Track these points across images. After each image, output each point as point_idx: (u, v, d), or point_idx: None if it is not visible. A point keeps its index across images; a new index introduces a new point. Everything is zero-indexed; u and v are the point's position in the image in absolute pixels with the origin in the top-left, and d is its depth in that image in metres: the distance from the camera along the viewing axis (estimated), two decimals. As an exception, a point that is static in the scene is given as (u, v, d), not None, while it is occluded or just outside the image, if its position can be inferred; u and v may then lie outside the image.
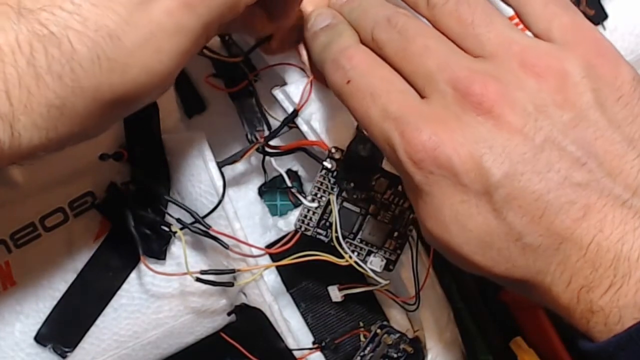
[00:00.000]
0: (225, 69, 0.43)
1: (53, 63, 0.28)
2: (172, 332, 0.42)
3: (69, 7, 0.28)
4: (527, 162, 0.29)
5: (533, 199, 0.29)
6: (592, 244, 0.28)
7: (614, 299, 0.27)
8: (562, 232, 0.28)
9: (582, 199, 0.28)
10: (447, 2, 0.33)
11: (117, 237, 0.41)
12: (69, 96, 0.28)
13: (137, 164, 0.40)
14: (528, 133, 0.29)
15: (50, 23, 0.28)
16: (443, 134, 0.30)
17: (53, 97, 0.28)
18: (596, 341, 0.28)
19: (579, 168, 0.29)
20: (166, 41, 0.30)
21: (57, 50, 0.28)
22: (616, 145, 0.29)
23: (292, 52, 0.40)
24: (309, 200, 0.40)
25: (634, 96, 0.30)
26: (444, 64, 0.31)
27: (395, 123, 0.31)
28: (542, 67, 0.30)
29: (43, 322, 0.41)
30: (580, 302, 0.28)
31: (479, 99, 0.30)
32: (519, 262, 0.29)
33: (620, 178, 0.29)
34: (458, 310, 0.43)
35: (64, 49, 0.28)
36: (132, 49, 0.29)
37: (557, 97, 0.30)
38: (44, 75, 0.28)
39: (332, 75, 0.34)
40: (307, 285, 0.46)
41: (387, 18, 0.34)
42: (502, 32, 0.31)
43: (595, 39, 0.31)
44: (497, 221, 0.29)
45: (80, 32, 0.28)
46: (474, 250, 0.30)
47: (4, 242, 0.40)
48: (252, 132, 0.42)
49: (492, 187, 0.29)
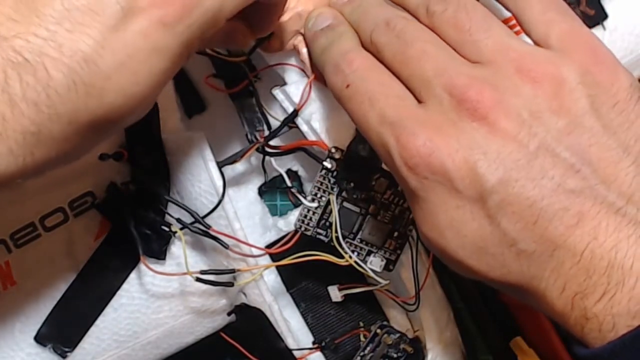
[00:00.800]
0: (225, 69, 0.43)
1: (28, 90, 0.27)
2: (172, 332, 0.42)
3: (43, 34, 0.28)
4: (521, 169, 0.29)
5: (527, 205, 0.29)
6: (586, 251, 0.28)
7: (607, 306, 0.27)
8: (556, 239, 0.28)
9: (576, 206, 0.28)
10: (445, 10, 0.33)
11: (117, 237, 0.41)
12: (45, 122, 0.28)
13: (137, 164, 0.40)
14: (522, 140, 0.29)
15: (25, 50, 0.27)
16: (438, 139, 0.30)
17: (28, 123, 0.28)
18: (591, 347, 0.28)
19: (573, 175, 0.29)
20: (143, 63, 0.29)
21: (32, 78, 0.27)
22: (611, 152, 0.29)
23: (292, 51, 0.40)
24: (309, 200, 0.40)
25: (630, 103, 0.30)
26: (441, 70, 0.31)
27: (391, 128, 0.31)
28: (538, 73, 0.30)
29: (43, 322, 0.41)
30: (574, 308, 0.28)
31: (475, 105, 0.30)
32: (514, 268, 0.29)
33: (615, 185, 0.29)
34: (458, 310, 0.43)
35: (39, 76, 0.28)
36: (109, 73, 0.29)
37: (552, 104, 0.30)
38: (18, 102, 0.27)
39: (332, 78, 0.34)
40: (307, 285, 0.46)
41: (386, 21, 0.34)
42: (500, 38, 0.31)
43: (593, 45, 0.31)
44: (492, 227, 0.29)
45: (56, 59, 0.28)
46: (469, 255, 0.30)
47: (4, 242, 0.40)
48: (252, 132, 0.42)
49: (486, 193, 0.29)
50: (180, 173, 0.40)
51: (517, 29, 0.34)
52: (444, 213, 0.30)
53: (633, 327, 0.27)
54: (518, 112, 0.30)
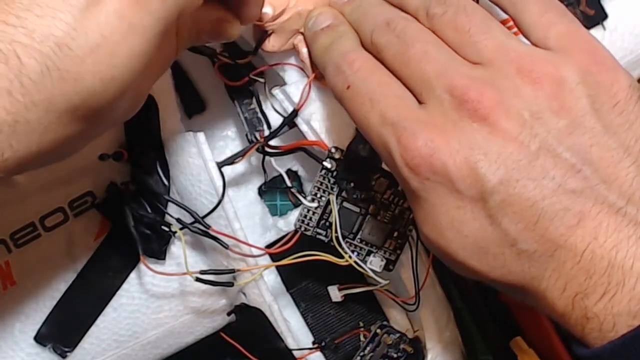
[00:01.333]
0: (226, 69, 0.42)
1: (0, 79, 0.27)
2: (172, 332, 0.42)
3: (13, 21, 0.27)
4: (522, 169, 0.29)
5: (528, 206, 0.29)
6: (587, 251, 0.28)
7: (608, 306, 0.27)
8: (557, 239, 0.28)
9: (577, 206, 0.28)
10: (445, 13, 0.33)
11: (117, 237, 0.41)
12: (21, 111, 0.27)
13: (137, 164, 0.40)
14: (523, 140, 0.29)
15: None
16: (439, 140, 0.30)
17: (4, 113, 0.27)
18: (591, 347, 0.28)
19: (574, 175, 0.29)
20: (119, 44, 0.28)
21: (4, 66, 0.27)
22: (612, 152, 0.29)
23: (291, 51, 0.40)
24: (309, 200, 0.40)
25: (629, 103, 0.30)
26: (442, 70, 0.31)
27: (392, 128, 0.31)
28: (538, 74, 0.30)
29: (43, 322, 0.41)
30: (575, 308, 0.28)
31: (475, 105, 0.30)
32: (514, 268, 0.29)
33: (616, 185, 0.29)
34: (458, 310, 0.43)
35: (11, 64, 0.27)
36: (83, 56, 0.28)
37: (553, 104, 0.30)
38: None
39: (333, 79, 0.34)
40: (307, 285, 0.46)
41: (387, 21, 0.34)
42: (500, 39, 0.31)
43: (592, 46, 0.31)
44: (492, 227, 0.29)
45: (27, 45, 0.27)
46: (469, 255, 0.30)
47: (4, 242, 0.40)
48: (252, 132, 0.42)
49: (487, 193, 0.29)
50: (180, 173, 0.40)
51: (514, 31, 0.33)
52: (444, 213, 0.30)
53: (633, 326, 0.27)
54: (519, 113, 0.30)
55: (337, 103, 0.34)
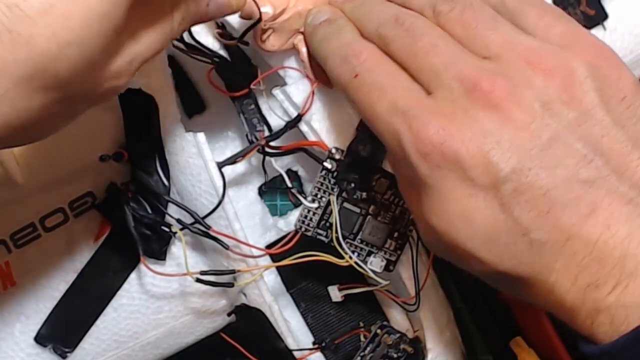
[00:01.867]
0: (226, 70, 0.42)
1: None
2: (172, 333, 0.42)
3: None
4: (534, 158, 0.29)
5: (540, 194, 0.28)
6: (599, 241, 0.28)
7: (620, 297, 0.27)
8: (569, 229, 0.28)
9: (590, 196, 0.28)
10: (452, 10, 0.33)
11: (117, 237, 0.41)
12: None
13: (137, 164, 0.40)
14: (535, 130, 0.29)
15: None
16: (451, 128, 0.30)
17: None
18: (600, 343, 0.28)
19: (586, 165, 0.29)
20: (75, 4, 0.26)
21: None
22: (621, 144, 0.29)
23: (291, 51, 0.40)
24: (309, 200, 0.40)
25: (636, 97, 0.30)
26: (451, 62, 0.31)
27: (402, 117, 0.31)
28: (549, 65, 0.30)
29: (43, 322, 0.41)
30: (585, 301, 0.28)
31: (487, 94, 0.30)
32: (525, 259, 0.29)
33: (626, 176, 0.29)
34: (458, 310, 0.43)
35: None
36: (35, 18, 0.26)
37: (563, 95, 0.30)
38: None
39: (337, 69, 0.34)
40: (307, 285, 0.46)
41: (395, 16, 0.34)
42: (508, 34, 0.31)
43: (595, 42, 0.31)
44: (504, 215, 0.29)
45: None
46: (479, 245, 0.30)
47: (4, 242, 0.40)
48: (252, 133, 0.42)
49: (499, 182, 0.29)
50: (180, 173, 0.40)
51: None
52: (455, 202, 0.30)
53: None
54: (530, 103, 0.29)
55: (337, 104, 0.34)
